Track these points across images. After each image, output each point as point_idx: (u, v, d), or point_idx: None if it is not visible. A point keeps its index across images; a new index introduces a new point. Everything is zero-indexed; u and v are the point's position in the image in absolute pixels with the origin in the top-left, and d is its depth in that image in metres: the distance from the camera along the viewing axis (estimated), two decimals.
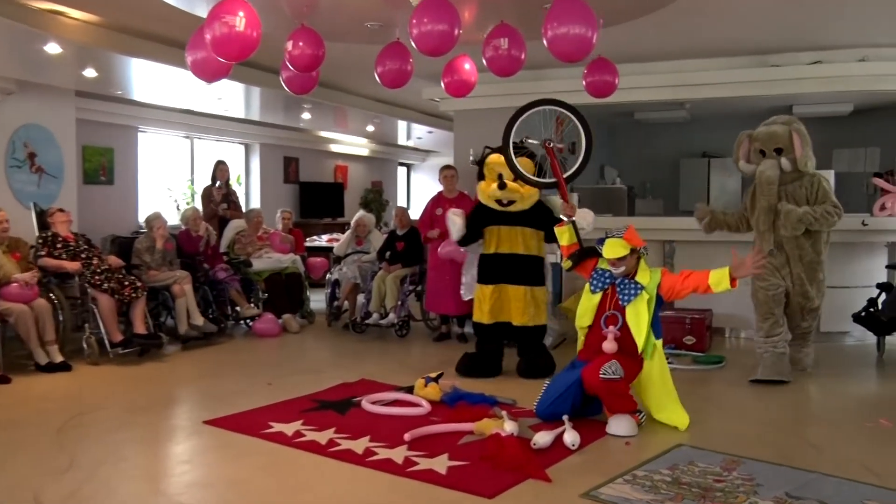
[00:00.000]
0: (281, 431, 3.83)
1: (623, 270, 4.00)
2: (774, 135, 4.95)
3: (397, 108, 10.16)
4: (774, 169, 4.89)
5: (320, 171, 12.83)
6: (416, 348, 6.41)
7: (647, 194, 10.95)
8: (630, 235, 4.00)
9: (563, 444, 3.60)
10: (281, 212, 8.19)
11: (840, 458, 3.48)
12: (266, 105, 9.39)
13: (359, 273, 7.14)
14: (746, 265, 3.82)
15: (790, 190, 4.94)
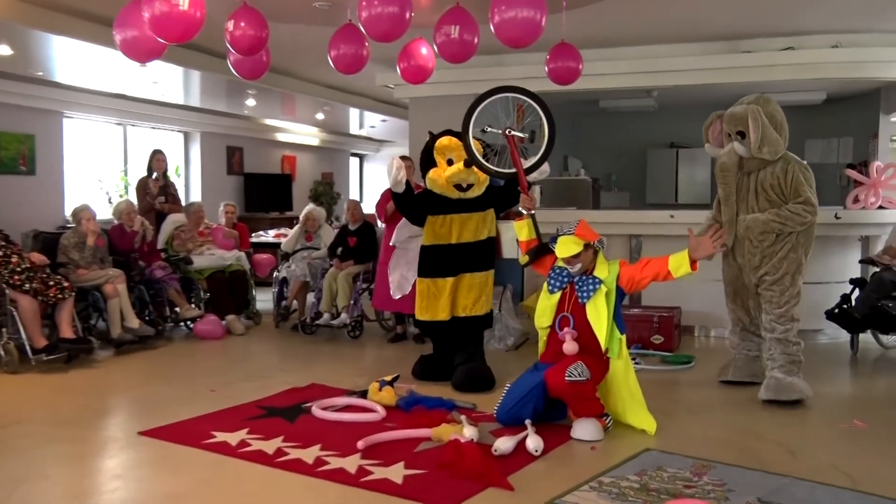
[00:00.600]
0: (225, 441, 3.76)
1: (580, 268, 4.02)
2: (734, 116, 4.65)
3: (349, 94, 10.10)
4: (731, 155, 4.61)
5: (266, 161, 12.69)
6: (370, 350, 6.38)
7: (612, 186, 11.08)
8: (582, 230, 4.01)
9: (525, 450, 3.60)
10: (224, 205, 8.07)
11: (814, 462, 3.55)
12: (207, 90, 9.24)
13: (308, 271, 7.11)
14: (705, 245, 3.83)
15: (760, 178, 4.62)
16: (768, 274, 4.60)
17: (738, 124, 4.61)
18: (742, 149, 4.58)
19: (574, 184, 9.52)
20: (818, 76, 6.81)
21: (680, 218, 6.63)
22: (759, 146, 4.50)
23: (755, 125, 4.50)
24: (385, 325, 7.11)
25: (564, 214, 6.37)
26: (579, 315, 4.01)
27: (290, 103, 10.54)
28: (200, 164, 11.23)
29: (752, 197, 4.64)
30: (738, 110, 4.63)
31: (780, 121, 4.63)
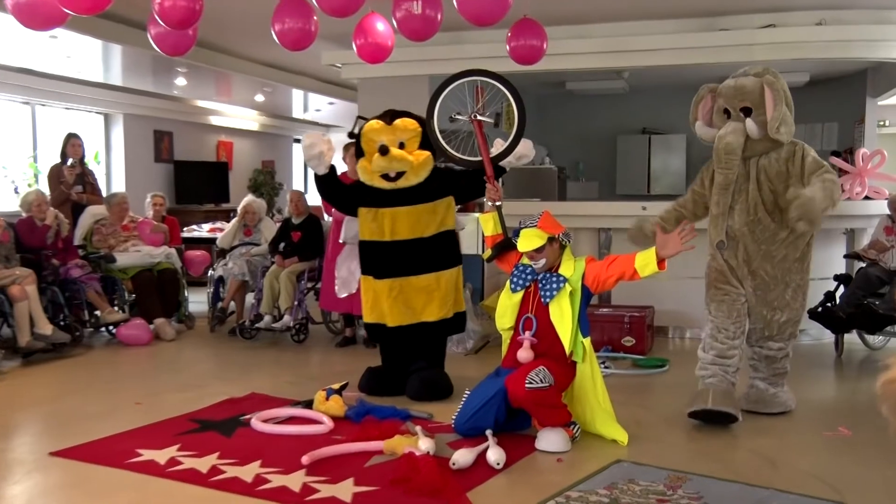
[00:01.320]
0: (152, 460, 3.70)
1: (544, 264, 4.02)
2: (742, 89, 4.30)
3: (292, 74, 10.03)
4: (738, 135, 4.24)
5: (199, 147, 12.54)
6: (316, 356, 6.35)
7: (579, 176, 11.18)
8: (545, 222, 4.01)
9: (486, 464, 3.60)
10: (151, 196, 7.95)
11: (796, 473, 3.61)
12: (131, 67, 9.07)
13: (247, 268, 7.08)
14: (673, 242, 3.82)
15: (763, 164, 4.30)
16: (767, 292, 4.33)
17: (745, 98, 4.28)
18: (755, 128, 4.24)
19: (538, 173, 9.57)
20: (801, 56, 6.94)
21: (653, 210, 6.65)
22: (779, 126, 4.19)
23: (776, 99, 4.19)
24: (333, 327, 7.09)
25: (527, 206, 6.40)
26: (543, 316, 4.03)
27: (226, 83, 10.41)
28: (124, 149, 11.03)
29: (754, 186, 4.31)
30: (747, 82, 4.30)
31: (790, 99, 4.33)
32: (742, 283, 4.36)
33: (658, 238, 3.88)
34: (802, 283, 4.37)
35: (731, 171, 4.28)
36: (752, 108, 4.27)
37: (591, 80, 9.33)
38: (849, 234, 7.00)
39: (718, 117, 4.45)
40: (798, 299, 4.37)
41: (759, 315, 4.36)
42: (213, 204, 12.05)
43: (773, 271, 4.29)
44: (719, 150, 4.29)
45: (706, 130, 4.53)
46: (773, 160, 4.29)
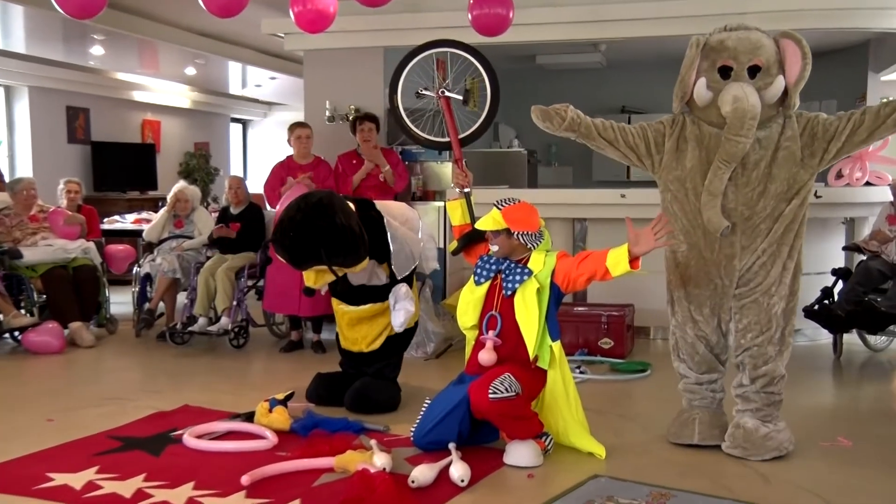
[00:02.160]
0: (66, 485, 3.65)
1: (497, 251, 4.05)
2: (758, 44, 4.01)
3: (228, 45, 9.95)
4: (756, 97, 3.94)
5: (121, 127, 12.40)
6: (258, 362, 6.34)
7: (552, 160, 11.25)
8: (512, 212, 4.00)
9: (449, 481, 3.61)
10: (65, 182, 7.83)
11: (791, 488, 3.67)
12: (36, 32, 8.91)
13: (178, 265, 7.03)
14: (646, 238, 3.78)
15: (758, 137, 4.02)
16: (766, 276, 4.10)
17: (759, 55, 3.99)
18: (773, 91, 3.99)
19: (506, 157, 9.61)
20: (797, 26, 6.93)
21: (633, 198, 6.77)
22: (797, 84, 4.02)
23: (804, 56, 3.99)
24: (277, 330, 7.07)
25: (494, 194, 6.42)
26: (508, 315, 4.04)
27: (151, 54, 10.29)
28: (30, 128, 10.87)
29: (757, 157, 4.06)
30: (760, 36, 4.05)
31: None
32: (732, 276, 4.11)
33: (629, 233, 3.83)
34: (797, 264, 4.15)
35: (749, 141, 3.95)
36: (762, 68, 3.99)
37: (563, 54, 9.37)
38: (848, 224, 7.12)
39: (711, 75, 4.07)
40: (794, 285, 4.15)
41: (753, 304, 4.09)
42: (137, 191, 11.92)
43: (772, 250, 4.06)
44: (743, 112, 3.90)
45: (706, 92, 4.08)
46: (770, 132, 4.05)
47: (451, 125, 4.67)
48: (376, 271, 4.80)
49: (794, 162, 4.03)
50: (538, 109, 4.38)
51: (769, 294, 4.06)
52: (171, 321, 7.03)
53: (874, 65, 9.22)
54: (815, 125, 4.05)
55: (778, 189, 4.03)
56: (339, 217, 4.39)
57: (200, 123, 14.28)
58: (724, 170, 3.98)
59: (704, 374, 4.23)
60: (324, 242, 4.33)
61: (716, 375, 4.25)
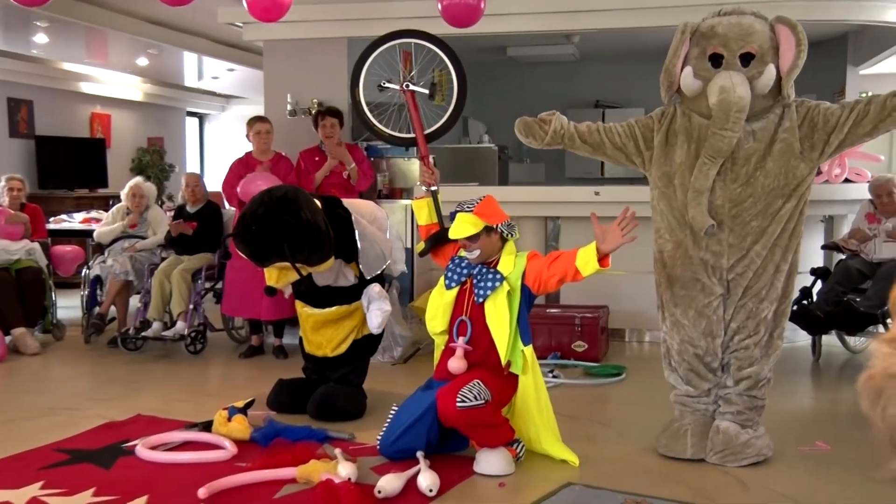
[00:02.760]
0: (7, 502, 3.60)
1: (478, 256, 4.05)
2: (750, 30, 3.95)
3: (182, 34, 9.88)
4: (747, 87, 3.90)
5: (68, 120, 12.27)
6: (217, 369, 6.32)
7: (523, 156, 11.30)
8: (484, 208, 4.03)
9: (417, 490, 3.62)
10: (6, 179, 7.72)
11: (769, 494, 3.73)
12: None
13: (131, 266, 6.97)
14: (613, 234, 3.80)
15: (753, 129, 4.00)
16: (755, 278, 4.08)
17: (751, 41, 3.94)
18: (765, 81, 3.94)
19: (476, 153, 9.64)
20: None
21: (607, 195, 6.82)
22: (790, 72, 3.98)
23: (799, 43, 3.95)
24: (236, 335, 7.05)
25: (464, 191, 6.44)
26: (479, 320, 4.05)
27: (100, 43, 10.19)
28: None
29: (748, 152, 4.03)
30: (753, 22, 3.99)
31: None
32: (721, 277, 4.08)
33: (596, 231, 3.85)
34: (792, 265, 4.12)
35: (737, 135, 3.90)
36: (755, 56, 3.93)
37: (536, 46, 9.42)
38: (827, 222, 7.23)
39: (700, 63, 4.02)
40: (788, 288, 4.12)
41: (742, 308, 4.08)
42: (86, 189, 11.79)
43: (765, 251, 4.03)
44: (729, 105, 3.86)
45: (694, 81, 4.04)
46: (766, 123, 4.02)
47: (416, 120, 4.68)
48: (343, 271, 4.80)
49: (793, 155, 3.99)
50: (521, 123, 4.39)
51: (759, 298, 4.06)
52: (123, 326, 6.96)
53: (853, 58, 9.36)
54: (815, 115, 3.99)
55: (772, 185, 3.99)
56: (305, 212, 4.39)
57: (154, 117, 14.16)
58: (710, 165, 3.94)
59: (694, 385, 4.20)
60: (288, 238, 4.31)
61: (707, 386, 4.18)
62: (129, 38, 9.42)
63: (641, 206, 4.35)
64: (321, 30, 7.56)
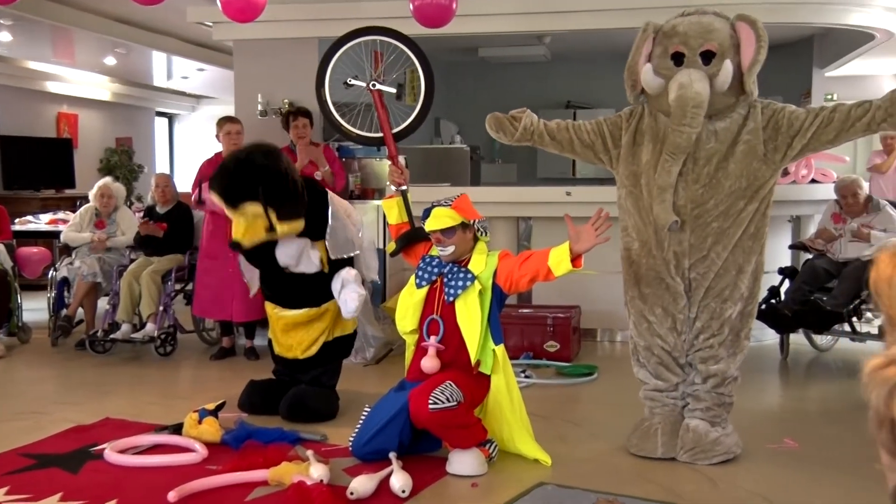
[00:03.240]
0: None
1: (452, 251, 4.06)
2: (710, 27, 3.97)
3: (151, 33, 9.81)
4: (705, 84, 3.90)
5: (33, 120, 12.14)
6: (187, 371, 6.29)
7: (495, 157, 11.32)
8: (461, 204, 4.06)
9: (389, 492, 3.63)
10: None
11: (739, 492, 3.77)
12: None
13: (100, 268, 6.90)
14: (587, 235, 3.82)
15: (715, 129, 4.03)
16: (717, 279, 4.11)
17: (711, 39, 3.95)
18: (723, 78, 3.91)
19: (448, 153, 9.65)
20: None
21: (578, 195, 6.86)
22: (751, 68, 3.95)
23: (760, 39, 3.91)
24: (207, 337, 7.01)
25: (435, 192, 6.45)
26: (450, 319, 4.07)
27: (66, 42, 10.09)
28: None
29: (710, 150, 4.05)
30: (713, 20, 4.01)
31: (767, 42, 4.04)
32: (683, 276, 4.13)
33: (570, 231, 3.87)
34: (757, 266, 4.15)
35: (696, 130, 3.91)
36: (715, 54, 3.93)
37: (507, 46, 9.44)
38: (794, 222, 7.31)
39: (664, 63, 4.04)
40: (752, 290, 4.16)
41: (705, 308, 4.12)
42: (53, 190, 11.66)
43: (726, 253, 4.06)
44: (685, 101, 3.88)
45: (654, 77, 4.06)
46: (731, 125, 4.03)
47: (383, 120, 4.66)
48: (309, 252, 4.77)
49: (756, 157, 4.02)
50: (492, 118, 4.45)
51: (721, 298, 4.10)
52: (91, 328, 6.90)
53: (818, 60, 9.48)
54: (780, 118, 4.01)
55: (734, 186, 4.02)
56: (284, 164, 4.50)
57: (122, 117, 14.04)
58: (671, 162, 3.96)
59: (663, 379, 4.26)
60: (264, 182, 4.39)
61: (676, 380, 4.24)
62: (96, 37, 9.34)
63: (613, 206, 4.41)
64: (292, 29, 7.53)
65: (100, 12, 8.84)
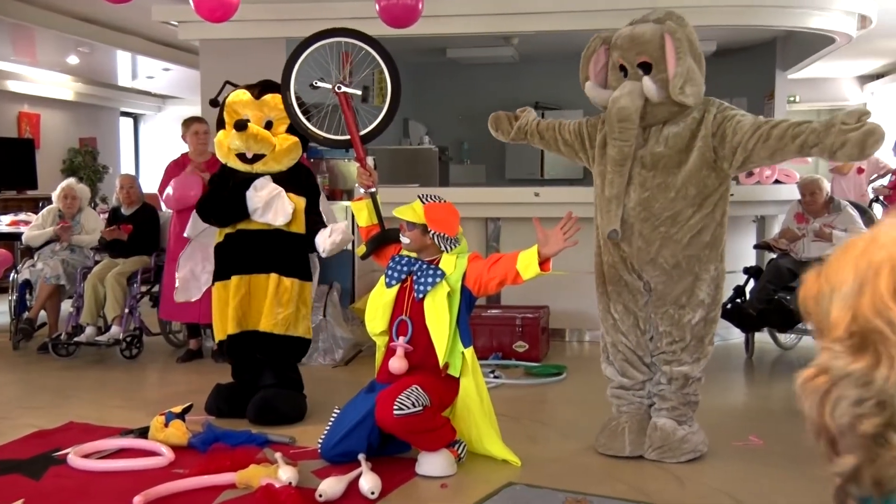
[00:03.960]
0: None
1: (408, 244, 4.07)
2: (639, 39, 3.98)
3: (115, 32, 9.72)
4: (634, 97, 3.95)
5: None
6: (153, 374, 6.26)
7: (464, 158, 11.32)
8: (433, 209, 4.04)
9: (359, 493, 3.62)
10: None
11: (706, 490, 3.81)
12: None
13: (63, 270, 6.85)
14: (555, 238, 3.83)
15: (668, 134, 4.06)
16: (671, 285, 4.14)
17: (642, 51, 3.97)
18: (653, 88, 3.93)
19: (416, 154, 9.65)
20: (707, 22, 7.25)
21: (547, 196, 6.88)
22: (683, 85, 3.87)
23: (679, 51, 3.87)
24: (174, 339, 6.96)
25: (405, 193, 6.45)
26: (419, 320, 4.06)
27: (28, 40, 9.97)
28: None
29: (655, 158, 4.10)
30: (646, 30, 3.99)
31: (698, 51, 4.03)
32: (641, 275, 4.19)
33: (538, 234, 3.89)
34: (717, 274, 4.17)
35: (627, 144, 4.00)
36: (651, 64, 3.97)
37: (475, 47, 9.45)
38: (759, 222, 7.40)
39: (614, 75, 4.12)
40: (712, 295, 4.16)
41: (665, 315, 4.16)
42: (14, 191, 11.53)
43: (675, 259, 4.08)
44: (611, 116, 4.01)
45: (599, 92, 4.17)
46: (683, 129, 4.04)
47: (350, 123, 4.65)
48: (282, 200, 4.78)
49: (706, 164, 4.03)
50: (493, 117, 4.59)
51: (679, 305, 4.14)
52: (55, 331, 6.83)
53: (781, 63, 9.61)
54: (726, 127, 3.98)
55: (681, 192, 4.04)
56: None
57: (86, 117, 13.89)
58: (614, 174, 4.05)
59: (629, 377, 4.30)
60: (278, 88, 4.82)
61: (641, 378, 4.28)
62: (58, 35, 9.24)
63: (581, 207, 4.46)
64: (259, 29, 7.49)
65: (62, 10, 8.74)
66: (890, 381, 0.80)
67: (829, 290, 0.89)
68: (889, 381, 0.80)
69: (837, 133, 3.56)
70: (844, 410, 0.84)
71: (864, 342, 0.83)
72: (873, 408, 0.82)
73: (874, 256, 0.84)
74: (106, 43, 9.79)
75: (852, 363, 0.84)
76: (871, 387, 0.82)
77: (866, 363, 0.82)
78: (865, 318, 0.83)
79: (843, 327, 0.86)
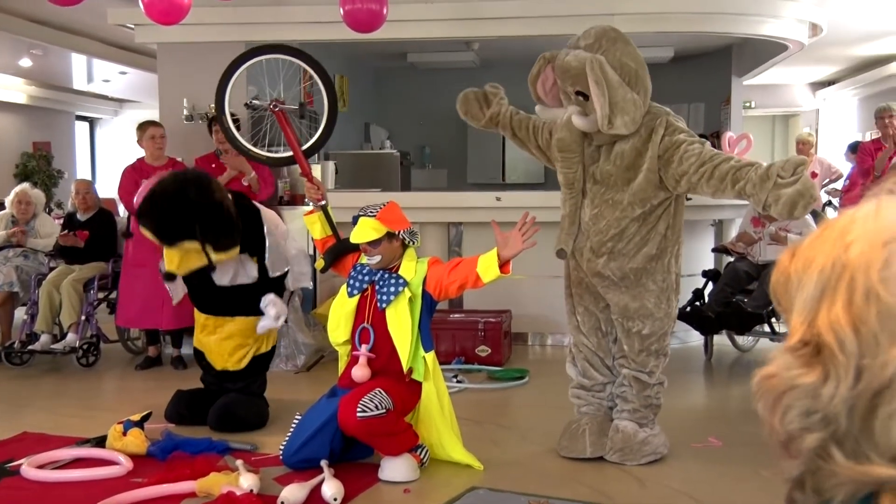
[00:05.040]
0: None
1: (378, 261, 4.05)
2: (567, 70, 3.93)
3: (69, 35, 9.61)
4: (571, 129, 4.05)
5: None
6: (111, 381, 6.21)
7: (425, 162, 11.35)
8: (387, 214, 4.04)
9: (321, 500, 3.61)
10: None
11: (665, 491, 3.85)
12: None
13: (17, 277, 6.75)
14: (514, 241, 3.86)
15: (617, 152, 4.04)
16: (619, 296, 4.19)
17: (574, 82, 3.91)
18: (583, 122, 3.97)
19: (378, 159, 9.65)
20: (661, 29, 7.36)
21: (508, 201, 6.90)
22: (611, 118, 3.84)
23: (599, 89, 3.79)
24: (133, 346, 6.89)
25: (365, 197, 6.44)
26: (381, 326, 4.07)
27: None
28: None
29: (604, 174, 4.12)
30: (572, 61, 3.90)
31: (634, 71, 3.95)
32: (592, 279, 4.23)
33: (497, 237, 3.91)
34: (666, 286, 4.18)
35: (571, 171, 4.12)
36: (586, 93, 3.89)
37: (436, 52, 9.48)
38: (717, 226, 7.49)
39: (564, 96, 4.07)
40: (662, 307, 4.18)
41: (617, 323, 4.23)
42: None
43: (622, 272, 4.12)
44: (552, 147, 4.18)
45: (549, 113, 4.18)
46: (629, 146, 4.02)
47: (290, 139, 4.62)
48: (245, 266, 4.74)
49: (650, 184, 4.03)
50: (462, 98, 4.59)
51: (627, 316, 4.18)
52: (8, 339, 6.71)
53: (737, 69, 9.76)
54: (672, 154, 3.95)
55: (627, 209, 4.07)
56: (217, 194, 4.38)
57: (40, 121, 13.68)
58: (565, 196, 4.19)
59: (589, 377, 4.35)
60: (199, 218, 4.27)
61: (602, 379, 4.33)
62: (9, 37, 9.13)
63: (542, 211, 4.49)
64: (218, 33, 7.42)
65: (14, 12, 8.63)
66: (835, 399, 0.81)
67: (797, 281, 0.89)
68: (834, 399, 0.81)
69: (773, 188, 3.60)
70: (793, 419, 0.86)
71: (816, 353, 0.84)
72: (818, 422, 0.83)
73: (841, 256, 0.84)
74: (60, 45, 9.69)
75: (803, 375, 0.85)
76: (819, 401, 0.83)
77: (816, 377, 0.83)
78: (819, 332, 0.84)
79: (798, 336, 0.87)
